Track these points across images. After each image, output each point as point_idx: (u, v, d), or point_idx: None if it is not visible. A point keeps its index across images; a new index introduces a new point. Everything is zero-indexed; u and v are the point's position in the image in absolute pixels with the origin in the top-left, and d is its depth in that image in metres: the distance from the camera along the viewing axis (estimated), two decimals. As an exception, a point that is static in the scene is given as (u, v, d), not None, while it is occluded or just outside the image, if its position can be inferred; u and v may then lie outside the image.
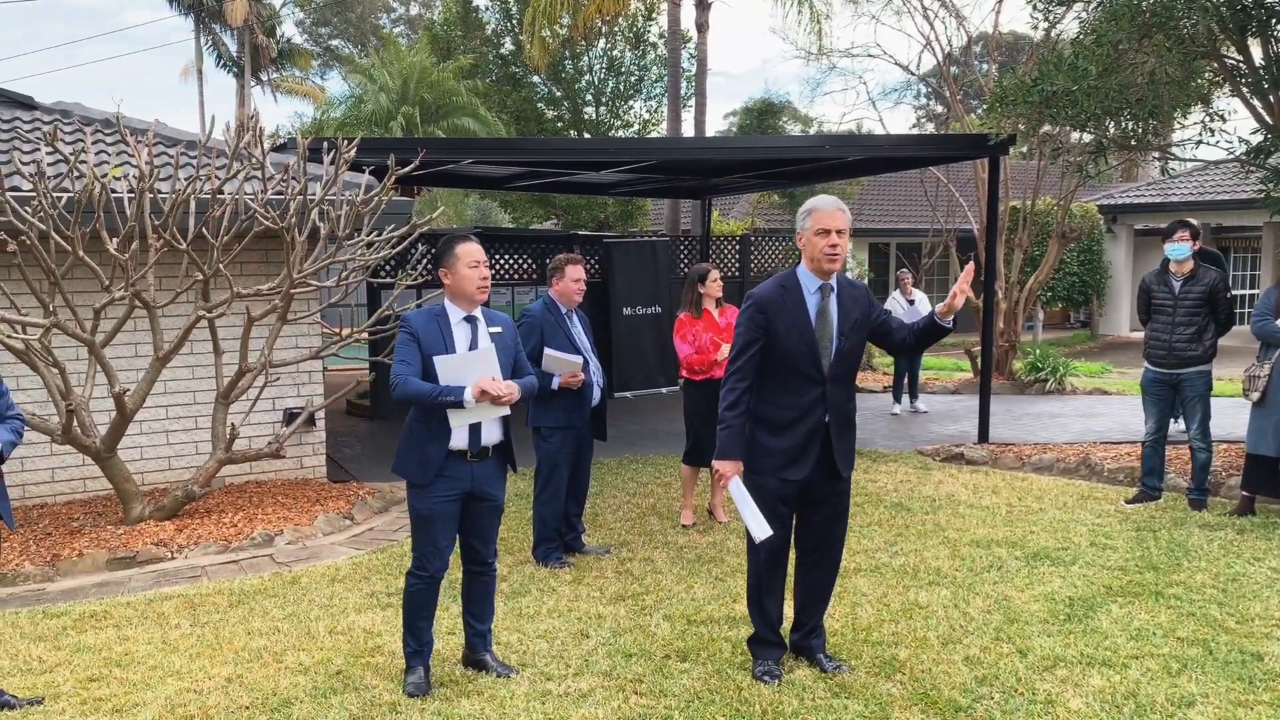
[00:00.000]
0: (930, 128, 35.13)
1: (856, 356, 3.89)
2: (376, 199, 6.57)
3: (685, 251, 14.25)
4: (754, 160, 10.17)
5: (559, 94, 18.15)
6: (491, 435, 3.86)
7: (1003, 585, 5.03)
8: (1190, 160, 8.53)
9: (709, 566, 5.47)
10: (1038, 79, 7.73)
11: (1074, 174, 8.52)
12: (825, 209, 3.80)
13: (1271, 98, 7.48)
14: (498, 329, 3.93)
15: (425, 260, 7.17)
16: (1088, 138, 8.62)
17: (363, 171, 7.14)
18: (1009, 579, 5.14)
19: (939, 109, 30.93)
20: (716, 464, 3.88)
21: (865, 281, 15.79)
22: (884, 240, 21.25)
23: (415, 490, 3.79)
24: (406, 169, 6.68)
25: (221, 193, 6.37)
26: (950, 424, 10.47)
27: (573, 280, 5.69)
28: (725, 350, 6.19)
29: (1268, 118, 7.55)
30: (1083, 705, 3.57)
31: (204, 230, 6.19)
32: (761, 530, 3.71)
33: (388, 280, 10.32)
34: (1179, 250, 6.41)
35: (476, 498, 3.85)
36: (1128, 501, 6.77)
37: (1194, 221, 8.63)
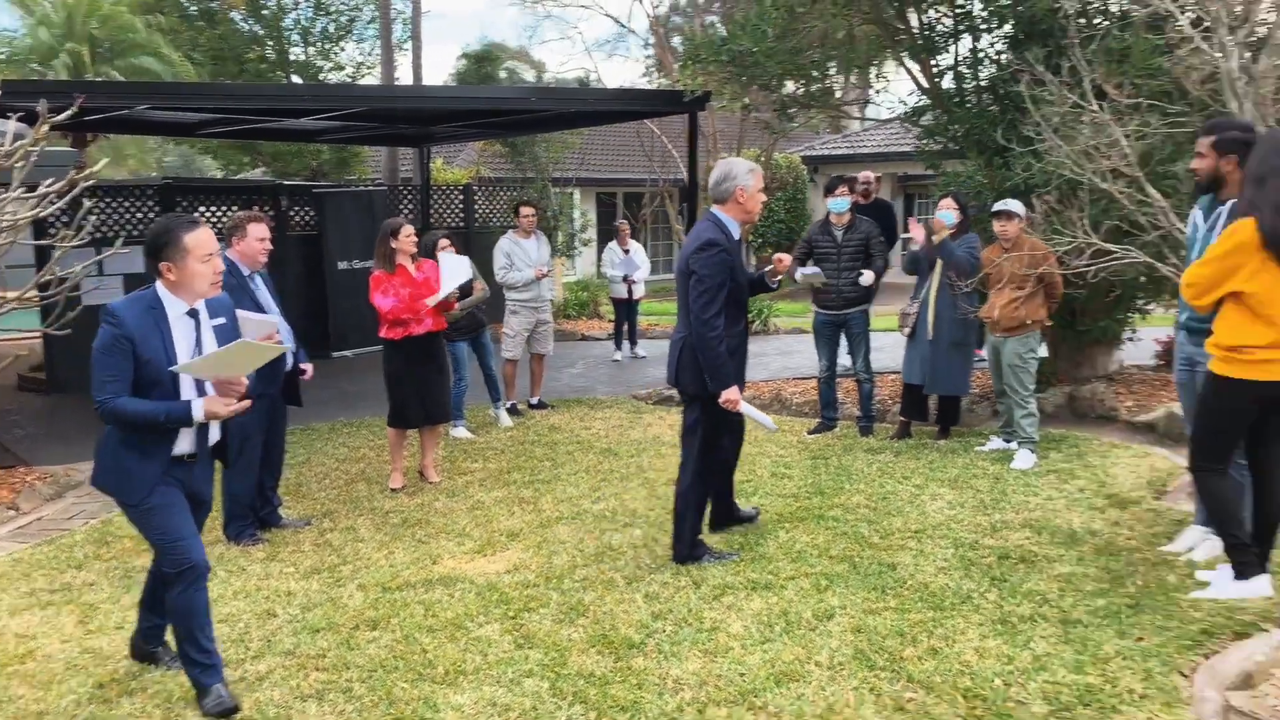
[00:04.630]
0: (659, 79, 36.06)
1: (683, 295, 4.60)
2: (21, 149, 5.88)
3: (406, 201, 13.89)
4: (464, 110, 10.03)
5: (261, 33, 16.95)
6: (215, 434, 3.50)
7: (690, 522, 5.38)
8: (862, 119, 9.36)
9: (414, 529, 5.46)
10: (726, 39, 8.14)
11: (764, 130, 9.07)
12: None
13: (928, 62, 8.29)
14: (221, 320, 3.53)
15: (89, 214, 6.53)
16: (775, 96, 9.17)
17: (8, 118, 6.37)
18: (697, 515, 5.50)
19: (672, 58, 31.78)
20: (727, 394, 4.53)
21: (587, 233, 16.13)
22: (610, 190, 21.69)
23: (130, 506, 3.37)
24: (61, 116, 6.03)
25: None
26: (666, 368, 10.93)
27: (256, 239, 5.38)
28: (434, 299, 6.15)
29: (923, 81, 8.36)
30: (741, 629, 3.92)
31: None
32: (770, 421, 4.92)
33: (67, 243, 9.31)
34: (839, 204, 7.02)
35: (191, 500, 3.48)
36: (809, 432, 7.41)
37: (869, 174, 9.46)
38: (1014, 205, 6.29)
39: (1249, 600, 3.80)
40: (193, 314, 3.43)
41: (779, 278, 4.85)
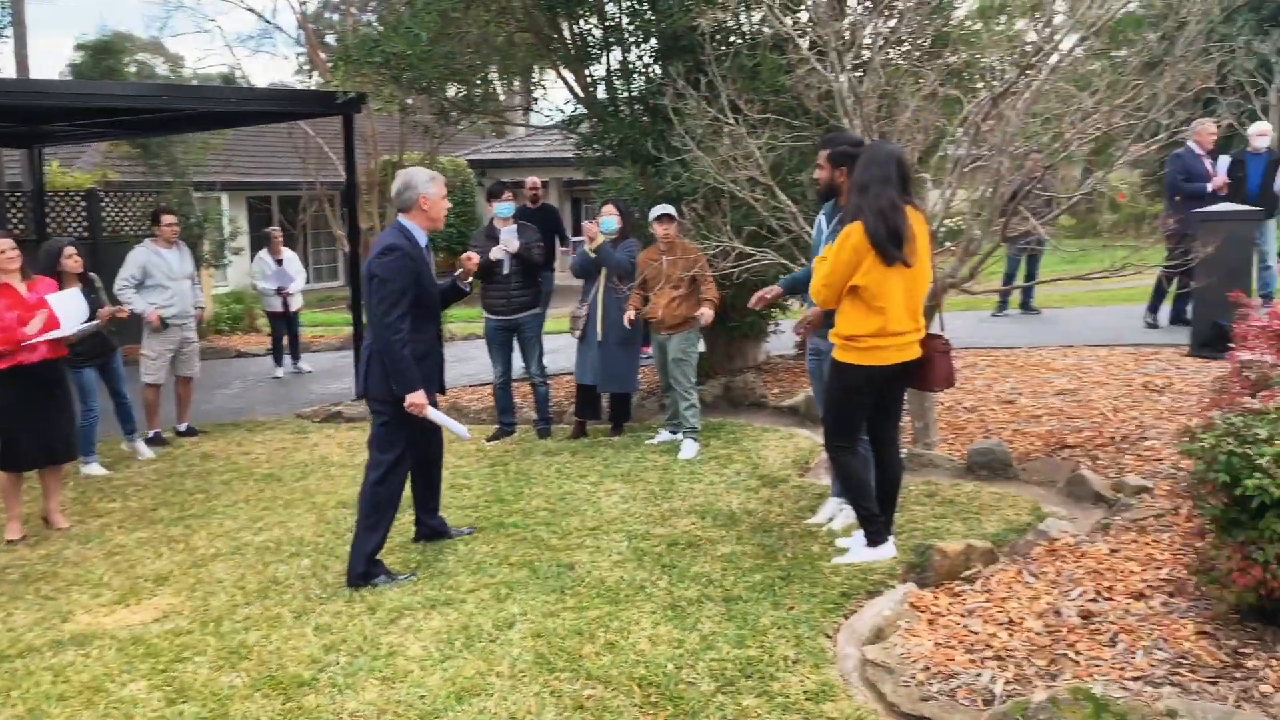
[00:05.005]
0: (313, 79, 34.35)
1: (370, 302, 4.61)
2: None
3: (15, 209, 12.14)
4: (83, 107, 8.93)
5: None
6: None
7: (364, 543, 5.15)
8: (526, 125, 9.48)
9: (38, 585, 4.78)
10: (379, 40, 7.88)
11: (423, 135, 8.90)
12: None
13: (583, 72, 8.54)
14: None
15: None
16: (434, 100, 9.03)
17: None
18: (371, 535, 5.28)
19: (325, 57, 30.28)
20: (412, 398, 4.50)
21: (237, 241, 15.02)
22: (262, 194, 20.33)
23: None
24: None
25: None
26: (333, 382, 10.47)
27: None
28: (36, 324, 5.41)
29: (579, 90, 8.61)
30: (420, 649, 3.80)
31: None
32: (464, 430, 4.92)
33: None
34: (505, 209, 7.06)
35: None
36: (487, 440, 7.38)
37: (536, 180, 9.61)
38: (672, 210, 6.66)
39: (879, 562, 4.28)
40: None
41: (470, 280, 5.05)
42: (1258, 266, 8.93)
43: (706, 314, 6.54)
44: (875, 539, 4.35)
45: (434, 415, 4.64)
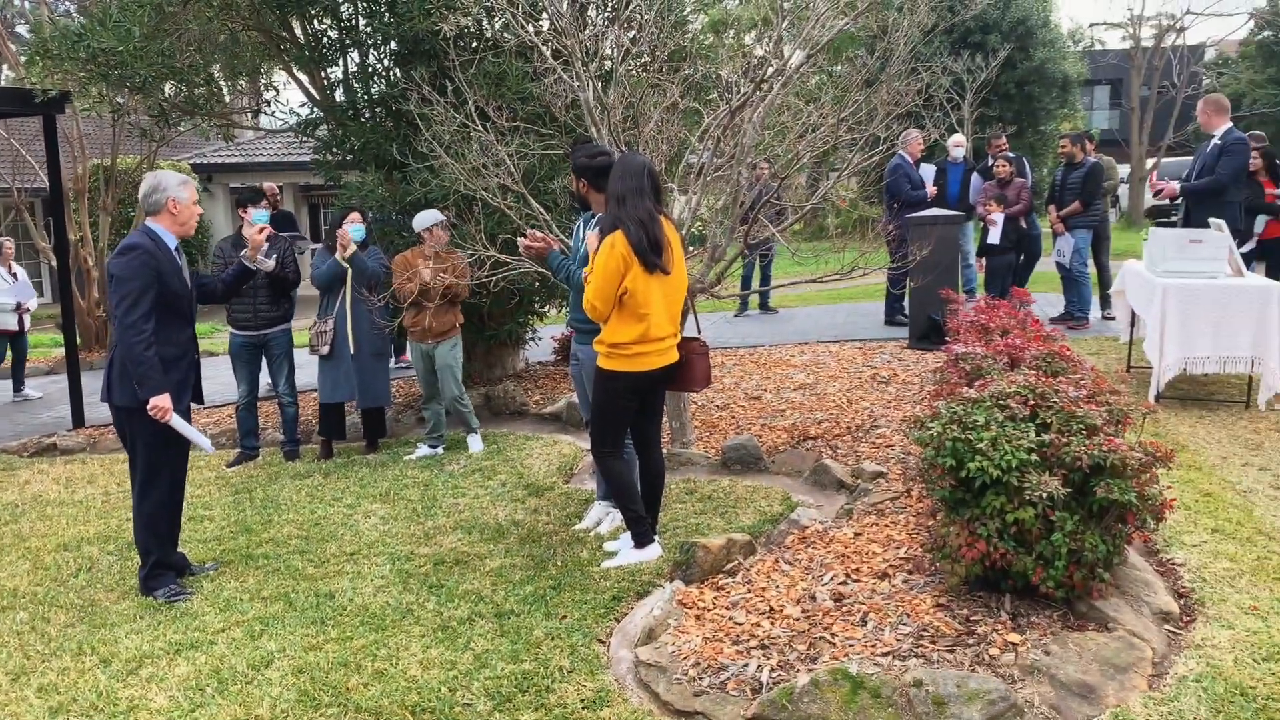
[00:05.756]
0: (7, 72, 30.56)
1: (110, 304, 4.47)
2: None
3: None
4: None
5: None
6: None
7: (91, 589, 4.66)
8: (255, 129, 8.91)
9: None
10: (83, 33, 7.14)
11: (140, 137, 8.17)
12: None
13: (319, 74, 8.15)
14: None
15: None
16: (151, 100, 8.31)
17: None
18: (99, 579, 4.78)
19: (15, 50, 26.91)
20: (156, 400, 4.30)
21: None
22: (-55, 200, 17.91)
23: None
24: None
25: None
26: (44, 410, 9.41)
27: None
28: None
29: (315, 93, 8.21)
30: (166, 700, 3.47)
31: None
32: (207, 443, 4.62)
33: None
34: (262, 217, 6.60)
35: None
36: (228, 465, 6.89)
37: (273, 186, 9.08)
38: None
39: (646, 563, 4.37)
40: None
41: (257, 260, 5.16)
42: (961, 265, 9.96)
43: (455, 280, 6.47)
44: (642, 540, 4.44)
45: (177, 423, 4.43)
